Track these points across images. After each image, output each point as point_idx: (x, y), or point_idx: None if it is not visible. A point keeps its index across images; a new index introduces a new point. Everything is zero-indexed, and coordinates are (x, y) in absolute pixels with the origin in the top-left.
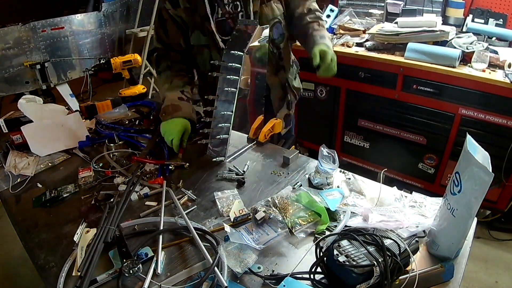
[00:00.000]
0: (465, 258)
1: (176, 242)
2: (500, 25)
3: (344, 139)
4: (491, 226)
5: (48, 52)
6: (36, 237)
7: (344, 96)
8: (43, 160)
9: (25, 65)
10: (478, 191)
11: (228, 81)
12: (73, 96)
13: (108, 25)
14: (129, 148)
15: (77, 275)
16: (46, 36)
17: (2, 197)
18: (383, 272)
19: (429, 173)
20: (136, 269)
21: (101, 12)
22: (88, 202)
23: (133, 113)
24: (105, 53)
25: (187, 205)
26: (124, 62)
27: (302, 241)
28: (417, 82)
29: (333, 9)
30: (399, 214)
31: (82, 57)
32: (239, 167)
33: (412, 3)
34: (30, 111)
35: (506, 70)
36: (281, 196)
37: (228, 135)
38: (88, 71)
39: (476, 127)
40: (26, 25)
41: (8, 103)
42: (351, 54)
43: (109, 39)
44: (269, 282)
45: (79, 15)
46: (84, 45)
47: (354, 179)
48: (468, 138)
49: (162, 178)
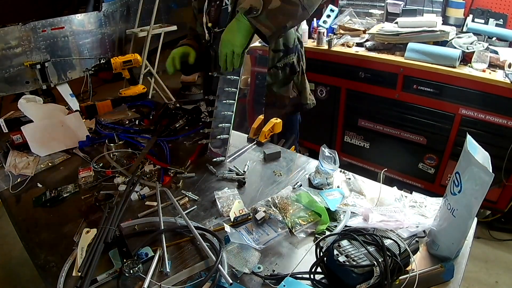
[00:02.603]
0: (465, 258)
1: (176, 242)
2: (500, 25)
3: (344, 139)
4: (491, 226)
5: (48, 52)
6: (36, 237)
7: (344, 96)
8: (43, 160)
9: (25, 65)
10: (478, 191)
11: (228, 81)
12: (73, 96)
13: (108, 25)
14: (129, 148)
15: (77, 275)
16: (46, 36)
17: (2, 197)
18: (383, 272)
19: (429, 173)
20: (137, 269)
21: (101, 12)
22: (88, 202)
23: (133, 113)
24: (105, 53)
25: (187, 205)
26: (124, 62)
27: (302, 241)
28: (417, 82)
29: (333, 9)
30: (399, 214)
31: (82, 57)
32: (240, 167)
33: (412, 3)
34: (30, 111)
35: (506, 70)
36: (281, 196)
37: (229, 135)
38: (88, 71)
39: (476, 127)
40: (26, 25)
41: (8, 103)
42: (351, 54)
43: (109, 39)
44: (269, 282)
45: (79, 15)
46: (84, 45)
47: (354, 179)
48: (468, 138)
49: (170, 177)
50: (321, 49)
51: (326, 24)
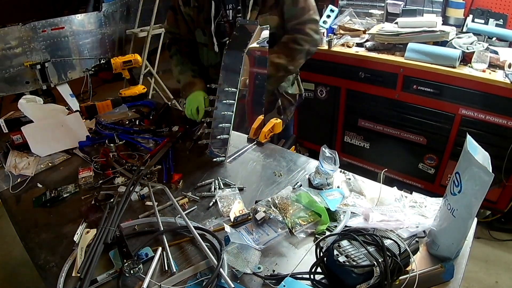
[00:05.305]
0: (465, 258)
1: (176, 242)
2: (500, 25)
3: (344, 139)
4: (491, 226)
5: (48, 52)
6: (36, 237)
7: (344, 96)
8: (43, 160)
9: (25, 65)
10: (478, 191)
11: (228, 81)
12: (73, 96)
13: (108, 25)
14: (129, 148)
15: (77, 275)
16: (46, 36)
17: (2, 197)
18: (383, 272)
19: (429, 173)
20: (137, 269)
21: (101, 12)
22: (88, 202)
23: (133, 113)
24: (105, 53)
25: (185, 206)
26: (124, 62)
27: (302, 241)
28: (417, 82)
29: (333, 9)
30: (400, 214)
31: (82, 57)
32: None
33: (412, 3)
34: (30, 111)
35: (506, 70)
36: (281, 196)
37: (229, 135)
38: (88, 71)
39: (476, 127)
40: (26, 25)
41: (8, 103)
42: (351, 54)
43: (109, 39)
44: (269, 282)
45: (79, 15)
46: (84, 45)
47: (354, 179)
48: (468, 138)
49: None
50: (321, 49)
51: (326, 24)
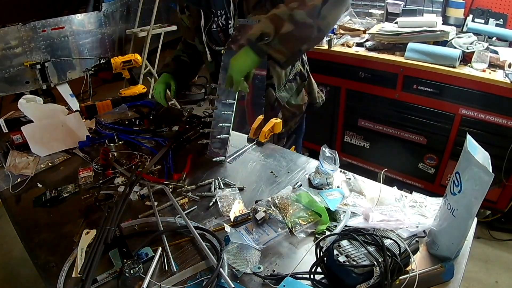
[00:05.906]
0: (465, 258)
1: (176, 242)
2: (500, 25)
3: (344, 139)
4: (491, 226)
5: (48, 52)
6: (36, 237)
7: (344, 96)
8: (43, 160)
9: (25, 65)
10: (478, 191)
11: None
12: (73, 96)
13: (108, 25)
14: (129, 148)
15: (77, 275)
16: (46, 36)
17: (2, 197)
18: (383, 272)
19: (429, 173)
20: (137, 269)
21: (101, 12)
22: (88, 202)
23: (133, 113)
24: (105, 53)
25: (185, 206)
26: (124, 62)
27: (302, 241)
28: (417, 82)
29: None
30: (400, 213)
31: (82, 57)
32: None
33: (412, 3)
34: (30, 111)
35: (506, 70)
36: (281, 196)
37: (229, 135)
38: (88, 71)
39: (476, 127)
40: (26, 25)
41: (8, 103)
42: (351, 54)
43: (109, 39)
44: (269, 282)
45: (79, 15)
46: (84, 45)
47: (354, 179)
48: (468, 138)
49: (179, 174)
50: (321, 49)
51: None
